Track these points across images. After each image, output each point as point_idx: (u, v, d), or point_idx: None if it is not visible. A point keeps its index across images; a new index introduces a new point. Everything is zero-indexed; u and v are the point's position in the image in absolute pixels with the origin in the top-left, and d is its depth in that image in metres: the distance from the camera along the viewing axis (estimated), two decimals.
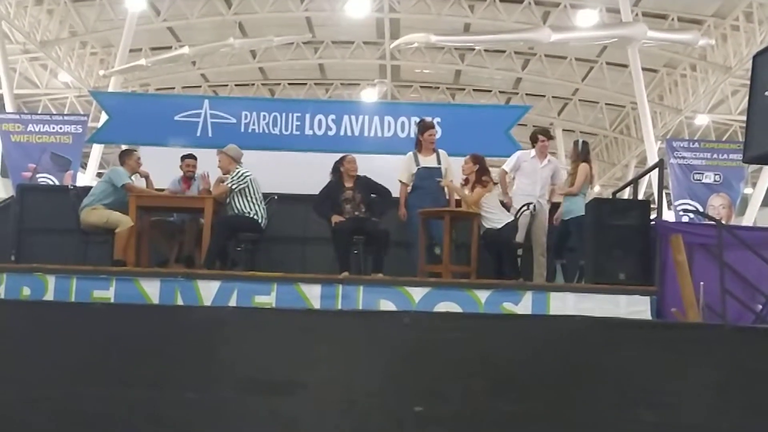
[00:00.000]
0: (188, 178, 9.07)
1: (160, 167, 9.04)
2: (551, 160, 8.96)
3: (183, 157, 9.16)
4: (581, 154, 8.63)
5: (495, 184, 8.75)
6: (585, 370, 3.06)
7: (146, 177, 8.97)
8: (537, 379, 3.09)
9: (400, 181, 8.66)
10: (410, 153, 8.79)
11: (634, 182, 9.83)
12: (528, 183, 8.68)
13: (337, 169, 8.50)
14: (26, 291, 7.53)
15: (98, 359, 3.32)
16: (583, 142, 9.00)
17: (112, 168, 9.02)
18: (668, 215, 13.78)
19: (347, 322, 3.41)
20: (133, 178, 8.73)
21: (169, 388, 3.29)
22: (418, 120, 9.33)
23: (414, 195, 8.56)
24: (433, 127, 8.91)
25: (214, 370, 3.32)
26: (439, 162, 8.70)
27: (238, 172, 8.42)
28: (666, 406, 3.02)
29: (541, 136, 8.90)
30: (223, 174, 8.61)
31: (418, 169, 8.62)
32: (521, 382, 3.10)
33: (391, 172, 8.73)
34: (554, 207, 8.85)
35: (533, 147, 8.91)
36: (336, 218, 8.14)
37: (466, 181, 8.49)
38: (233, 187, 8.35)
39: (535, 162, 8.78)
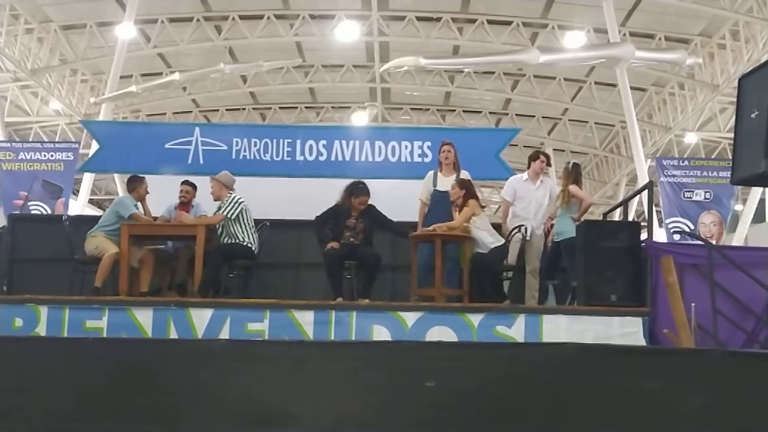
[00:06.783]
0: (183, 204, 9.04)
1: (152, 195, 9.01)
2: (544, 180, 8.90)
3: (181, 184, 9.14)
4: (571, 176, 8.61)
5: (483, 207, 8.72)
6: (575, 398, 3.07)
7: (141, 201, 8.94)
8: (529, 408, 3.10)
9: (420, 200, 8.65)
10: (431, 172, 8.77)
11: (624, 204, 9.86)
12: (522, 206, 8.65)
13: (349, 194, 8.29)
14: (18, 322, 7.48)
15: (89, 395, 3.31)
16: (574, 164, 8.94)
17: (120, 198, 9.05)
18: (659, 233, 13.83)
19: (339, 353, 3.41)
20: (139, 205, 8.75)
21: (160, 422, 3.28)
22: None
23: (426, 218, 8.49)
24: (449, 144, 8.78)
25: (205, 403, 3.31)
26: None
27: (232, 198, 8.38)
28: None
29: (543, 156, 8.90)
30: (215, 201, 8.58)
31: (433, 191, 8.60)
32: (514, 410, 3.10)
33: (382, 195, 8.66)
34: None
35: (528, 167, 8.86)
36: (330, 244, 8.04)
37: (458, 207, 8.44)
38: (228, 215, 8.29)
39: (528, 184, 8.77)
